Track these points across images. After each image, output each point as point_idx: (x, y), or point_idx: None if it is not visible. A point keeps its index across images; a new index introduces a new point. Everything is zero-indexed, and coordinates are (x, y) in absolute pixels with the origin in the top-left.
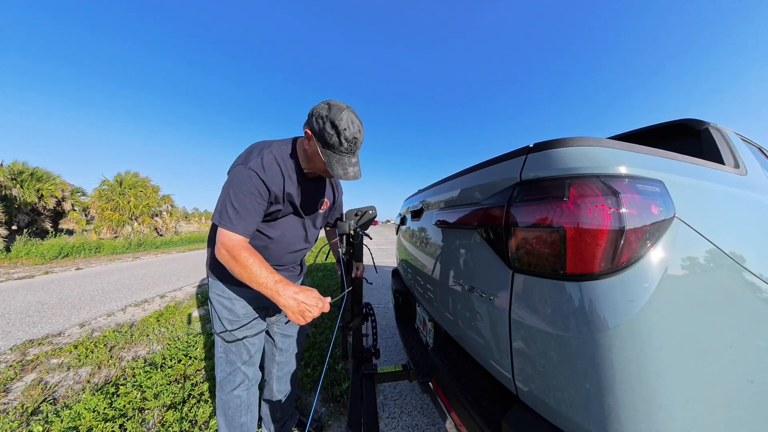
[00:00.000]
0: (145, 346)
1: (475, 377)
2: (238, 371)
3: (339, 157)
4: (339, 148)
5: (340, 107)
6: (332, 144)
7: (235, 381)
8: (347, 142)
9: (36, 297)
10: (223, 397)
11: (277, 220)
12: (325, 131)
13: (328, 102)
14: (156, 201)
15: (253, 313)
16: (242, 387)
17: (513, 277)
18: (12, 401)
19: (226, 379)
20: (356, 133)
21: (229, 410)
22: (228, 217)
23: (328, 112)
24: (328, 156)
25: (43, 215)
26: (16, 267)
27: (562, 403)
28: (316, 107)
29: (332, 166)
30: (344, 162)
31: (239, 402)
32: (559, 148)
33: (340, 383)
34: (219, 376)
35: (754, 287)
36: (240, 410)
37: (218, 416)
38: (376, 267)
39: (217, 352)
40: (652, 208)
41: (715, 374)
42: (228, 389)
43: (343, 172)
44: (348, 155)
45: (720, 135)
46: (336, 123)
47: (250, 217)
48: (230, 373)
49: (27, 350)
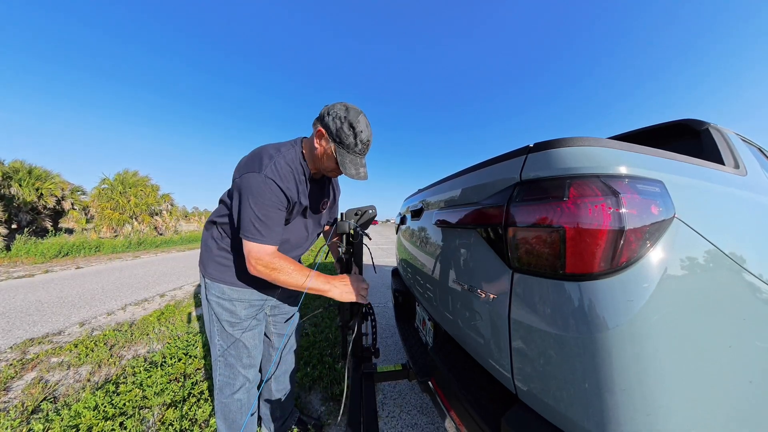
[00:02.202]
0: (145, 344)
1: (474, 377)
2: (239, 374)
3: (353, 158)
4: (354, 149)
5: (357, 111)
6: (348, 144)
7: (235, 385)
8: (362, 144)
9: (36, 296)
10: (223, 400)
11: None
12: (342, 131)
13: (345, 105)
14: (156, 200)
15: (254, 313)
16: (242, 390)
17: (513, 276)
18: (12, 399)
19: (226, 382)
20: (370, 137)
21: (229, 413)
22: (256, 230)
23: (347, 113)
24: (342, 155)
25: (43, 214)
26: (16, 266)
27: (561, 402)
28: (332, 107)
29: (345, 165)
30: (357, 162)
31: (239, 405)
32: (559, 148)
33: (340, 382)
34: (218, 380)
35: (754, 287)
36: (240, 413)
37: (218, 419)
38: (375, 267)
39: (214, 356)
40: (652, 208)
41: (715, 374)
42: (228, 392)
43: (355, 172)
44: (360, 156)
45: (720, 135)
46: (354, 125)
47: (277, 226)
48: (230, 377)
49: (27, 349)
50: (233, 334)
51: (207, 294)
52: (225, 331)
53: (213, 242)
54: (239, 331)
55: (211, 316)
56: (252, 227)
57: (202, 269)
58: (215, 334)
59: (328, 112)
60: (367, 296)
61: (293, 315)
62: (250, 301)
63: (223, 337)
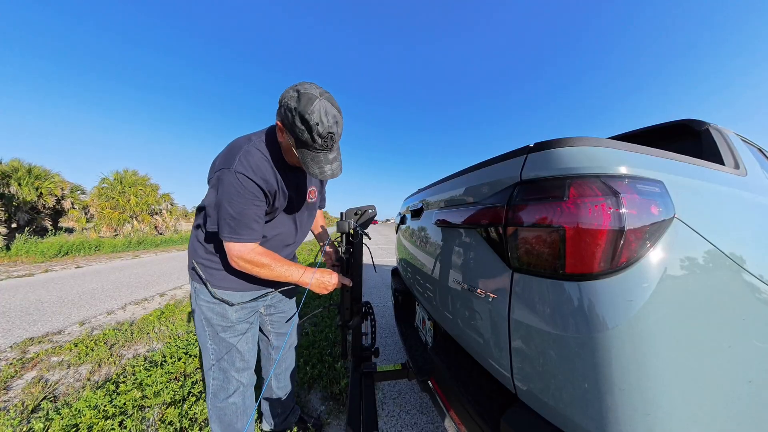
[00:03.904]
0: (145, 344)
1: (474, 376)
2: (232, 379)
3: (314, 155)
4: (312, 146)
5: (310, 96)
6: (305, 141)
7: (228, 389)
8: (321, 139)
9: (36, 295)
10: (217, 404)
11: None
12: (295, 126)
13: (297, 89)
14: (155, 199)
15: (246, 315)
16: (237, 394)
17: (512, 276)
18: (13, 399)
19: (220, 387)
20: (332, 127)
21: (225, 417)
22: (232, 229)
23: (297, 103)
24: (302, 153)
25: (42, 213)
26: (16, 265)
27: (560, 402)
28: (284, 94)
29: (307, 164)
30: (320, 160)
31: (235, 408)
32: (559, 148)
33: (339, 381)
34: (211, 385)
35: (753, 288)
36: (236, 416)
37: (212, 424)
38: (375, 266)
39: (206, 361)
40: (651, 208)
41: (714, 375)
42: (222, 397)
43: (319, 171)
44: (324, 152)
45: (720, 136)
46: (306, 117)
47: (254, 222)
48: (223, 381)
49: (27, 348)
50: (225, 338)
51: (197, 299)
52: (217, 335)
53: (200, 246)
54: (231, 335)
55: (202, 321)
56: (228, 227)
57: (191, 273)
58: (207, 339)
59: (281, 101)
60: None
61: (293, 315)
62: (241, 303)
63: (216, 342)
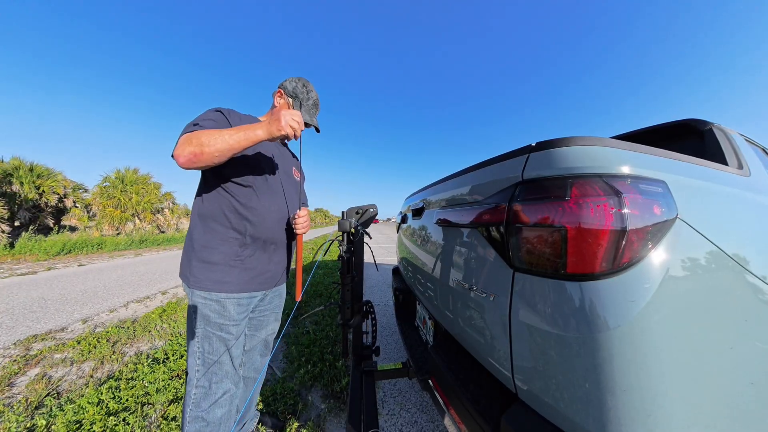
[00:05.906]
0: (147, 341)
1: (474, 375)
2: (219, 384)
3: (307, 108)
4: (307, 103)
5: (307, 81)
6: (303, 98)
7: (216, 395)
8: (313, 100)
9: (39, 293)
10: (198, 414)
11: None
12: (298, 88)
13: (298, 77)
14: (157, 198)
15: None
16: (225, 397)
17: (514, 276)
18: (16, 395)
19: (206, 393)
20: (317, 99)
21: (206, 427)
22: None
23: (299, 79)
24: (298, 107)
25: (45, 212)
26: (19, 263)
27: (561, 402)
28: (288, 79)
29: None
30: (312, 113)
31: (220, 414)
32: (561, 148)
33: (340, 380)
34: (194, 393)
35: (756, 289)
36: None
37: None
38: (376, 264)
39: (192, 365)
40: (654, 208)
41: (716, 376)
42: (205, 406)
43: (309, 118)
44: (313, 110)
45: (723, 136)
46: (306, 85)
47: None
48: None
49: (31, 345)
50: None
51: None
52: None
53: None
54: (225, 336)
55: (194, 322)
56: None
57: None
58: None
59: (286, 81)
60: (299, 126)
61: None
62: (238, 300)
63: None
